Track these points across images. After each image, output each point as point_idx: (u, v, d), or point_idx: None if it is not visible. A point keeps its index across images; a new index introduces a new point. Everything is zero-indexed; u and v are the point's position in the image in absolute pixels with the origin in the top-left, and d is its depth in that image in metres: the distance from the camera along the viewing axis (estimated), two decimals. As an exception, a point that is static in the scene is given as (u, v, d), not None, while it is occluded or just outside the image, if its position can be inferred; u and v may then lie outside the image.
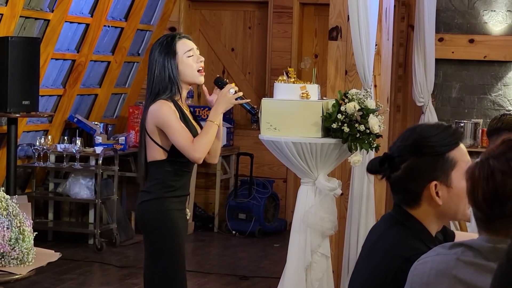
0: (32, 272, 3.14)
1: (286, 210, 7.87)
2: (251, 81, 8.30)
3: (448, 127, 2.14)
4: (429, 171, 2.08)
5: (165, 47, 3.64)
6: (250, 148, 7.76)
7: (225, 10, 8.27)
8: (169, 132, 3.56)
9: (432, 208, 2.10)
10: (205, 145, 3.58)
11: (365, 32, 4.64)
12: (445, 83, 7.59)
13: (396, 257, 2.04)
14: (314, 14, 8.09)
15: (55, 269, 6.07)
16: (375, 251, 2.11)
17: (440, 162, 2.08)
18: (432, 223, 2.12)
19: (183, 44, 3.67)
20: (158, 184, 3.62)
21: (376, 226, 2.23)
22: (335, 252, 4.94)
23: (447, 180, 2.08)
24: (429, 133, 2.11)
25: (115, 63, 7.74)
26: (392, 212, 2.16)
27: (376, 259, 2.09)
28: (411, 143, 2.11)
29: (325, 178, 4.38)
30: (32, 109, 6.47)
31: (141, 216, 3.69)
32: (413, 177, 2.09)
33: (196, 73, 3.67)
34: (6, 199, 3.13)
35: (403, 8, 7.59)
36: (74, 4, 6.91)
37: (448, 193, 2.09)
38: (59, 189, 7.22)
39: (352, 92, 4.40)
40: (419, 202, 2.10)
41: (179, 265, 3.64)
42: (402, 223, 2.11)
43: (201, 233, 7.76)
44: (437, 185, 2.08)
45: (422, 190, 2.09)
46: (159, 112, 3.57)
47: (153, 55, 3.66)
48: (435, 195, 2.08)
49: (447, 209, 2.10)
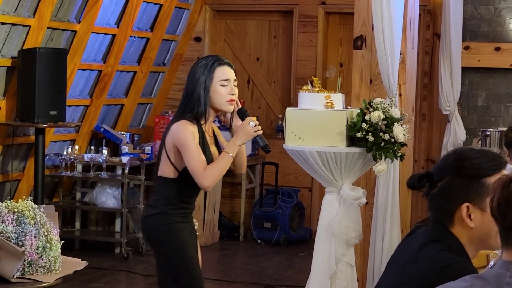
0: (59, 280, 3.17)
1: (311, 219, 7.86)
2: (276, 91, 8.32)
3: (492, 153, 2.15)
4: (463, 193, 2.09)
5: (205, 68, 3.65)
6: (275, 157, 7.76)
7: (250, 19, 8.30)
8: (185, 153, 3.57)
9: (464, 230, 2.10)
10: (216, 174, 3.57)
11: (389, 41, 4.64)
12: (471, 91, 7.55)
13: (435, 267, 2.03)
14: (339, 23, 8.09)
15: (82, 277, 6.12)
16: (413, 262, 2.10)
17: (475, 185, 2.09)
18: (465, 246, 2.12)
19: (222, 72, 3.67)
20: (163, 199, 3.65)
21: (411, 239, 2.21)
22: (360, 261, 4.93)
23: (481, 204, 2.08)
24: (469, 155, 2.13)
25: (141, 73, 7.80)
26: (430, 228, 2.16)
27: (413, 270, 2.08)
28: (450, 163, 2.14)
29: (349, 187, 4.38)
30: (59, 119, 6.54)
31: (146, 230, 3.73)
32: (447, 196, 2.11)
33: (225, 102, 3.67)
34: (33, 208, 3.17)
35: (428, 17, 7.57)
36: (100, 15, 6.98)
37: (481, 217, 2.08)
38: (86, 198, 7.28)
39: (377, 101, 4.40)
40: (452, 222, 2.11)
41: (194, 274, 3.65)
42: (441, 239, 2.11)
43: (226, 242, 7.77)
44: (469, 207, 2.08)
45: (454, 210, 2.10)
46: (179, 132, 3.59)
47: (192, 72, 3.68)
48: (466, 217, 2.08)
49: (479, 234, 2.10)
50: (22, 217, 3.11)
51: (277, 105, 8.24)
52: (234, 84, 3.70)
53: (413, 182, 2.17)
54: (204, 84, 3.63)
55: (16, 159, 6.83)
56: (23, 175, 6.87)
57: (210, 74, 3.64)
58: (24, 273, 3.11)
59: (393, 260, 2.23)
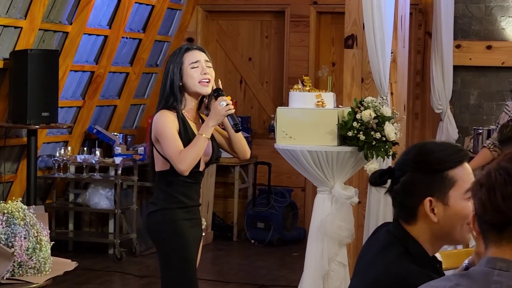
0: (49, 281, 3.16)
1: (304, 219, 7.86)
2: (269, 91, 8.32)
3: (453, 146, 2.12)
4: (424, 187, 2.05)
5: (175, 56, 3.67)
6: (268, 157, 7.77)
7: (242, 20, 8.30)
8: (162, 141, 3.56)
9: (428, 225, 2.06)
10: (191, 158, 3.53)
11: (380, 40, 4.64)
12: (463, 90, 7.56)
13: (391, 276, 2.01)
14: (331, 23, 8.09)
15: (75, 279, 6.11)
16: (371, 268, 2.08)
17: (437, 179, 2.05)
18: (427, 243, 2.08)
19: (191, 55, 3.67)
20: (162, 194, 3.64)
21: (373, 241, 2.19)
22: (353, 260, 4.92)
23: (444, 198, 2.05)
24: (430, 150, 2.09)
25: (134, 74, 7.79)
26: (390, 228, 2.13)
27: (372, 276, 2.05)
28: (411, 158, 2.10)
29: (341, 187, 4.38)
30: (51, 120, 6.53)
31: (149, 227, 3.71)
32: (409, 191, 2.07)
33: (197, 83, 3.64)
34: (23, 209, 3.17)
35: (419, 15, 7.58)
36: (92, 17, 6.97)
37: (444, 211, 2.05)
38: (79, 199, 7.27)
39: (368, 100, 4.40)
40: (415, 218, 2.08)
41: (188, 275, 3.62)
42: (399, 242, 2.08)
43: (220, 242, 7.77)
44: (432, 201, 2.05)
45: (417, 205, 2.06)
46: (156, 122, 3.59)
47: (167, 64, 3.70)
48: (429, 212, 2.05)
49: (443, 228, 2.07)
50: (12, 218, 3.11)
51: (269, 105, 8.24)
52: (206, 65, 3.67)
53: (375, 179, 2.13)
54: (176, 70, 3.62)
55: (8, 161, 6.82)
56: (16, 177, 6.86)
57: (180, 60, 3.64)
58: (14, 274, 3.11)
59: (358, 261, 2.20)
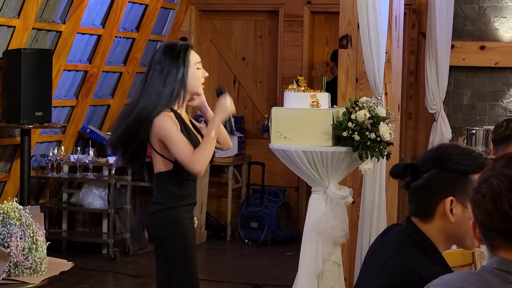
0: (45, 281, 3.16)
1: (298, 218, 7.87)
2: (262, 90, 8.32)
3: (474, 151, 2.14)
4: (448, 186, 2.07)
5: (176, 55, 3.65)
6: (261, 157, 7.77)
7: (235, 19, 8.30)
8: (170, 145, 3.56)
9: (443, 224, 2.08)
10: (204, 158, 3.56)
11: (375, 40, 4.65)
12: (457, 90, 7.58)
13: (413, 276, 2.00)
14: (325, 23, 8.10)
15: (69, 278, 6.10)
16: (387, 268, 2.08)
17: (461, 180, 2.07)
18: (440, 243, 2.10)
19: (194, 55, 3.72)
20: (167, 194, 3.63)
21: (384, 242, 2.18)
22: (347, 260, 4.94)
23: (464, 200, 2.06)
24: (455, 150, 2.12)
25: (127, 73, 7.78)
26: (403, 228, 2.14)
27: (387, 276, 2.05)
28: (436, 155, 2.12)
29: (336, 187, 4.38)
30: (45, 120, 6.51)
31: (153, 227, 3.69)
32: (431, 188, 2.09)
33: (200, 84, 3.73)
34: (19, 210, 3.16)
35: (413, 16, 7.59)
36: (85, 16, 6.96)
37: (462, 213, 2.07)
38: (72, 199, 7.25)
39: (363, 100, 4.40)
40: (432, 216, 2.09)
41: (192, 274, 3.65)
42: (414, 241, 2.09)
43: (213, 242, 7.77)
44: (453, 201, 2.07)
45: (437, 203, 2.08)
46: (160, 126, 3.57)
47: (163, 60, 3.63)
48: (448, 211, 2.06)
49: (457, 230, 2.08)
50: (8, 218, 3.10)
51: (263, 105, 8.24)
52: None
53: (398, 171, 2.13)
54: (185, 70, 3.63)
55: (1, 161, 6.80)
56: (9, 177, 6.84)
57: (187, 59, 3.66)
58: (10, 275, 3.10)
59: (367, 261, 2.19)
